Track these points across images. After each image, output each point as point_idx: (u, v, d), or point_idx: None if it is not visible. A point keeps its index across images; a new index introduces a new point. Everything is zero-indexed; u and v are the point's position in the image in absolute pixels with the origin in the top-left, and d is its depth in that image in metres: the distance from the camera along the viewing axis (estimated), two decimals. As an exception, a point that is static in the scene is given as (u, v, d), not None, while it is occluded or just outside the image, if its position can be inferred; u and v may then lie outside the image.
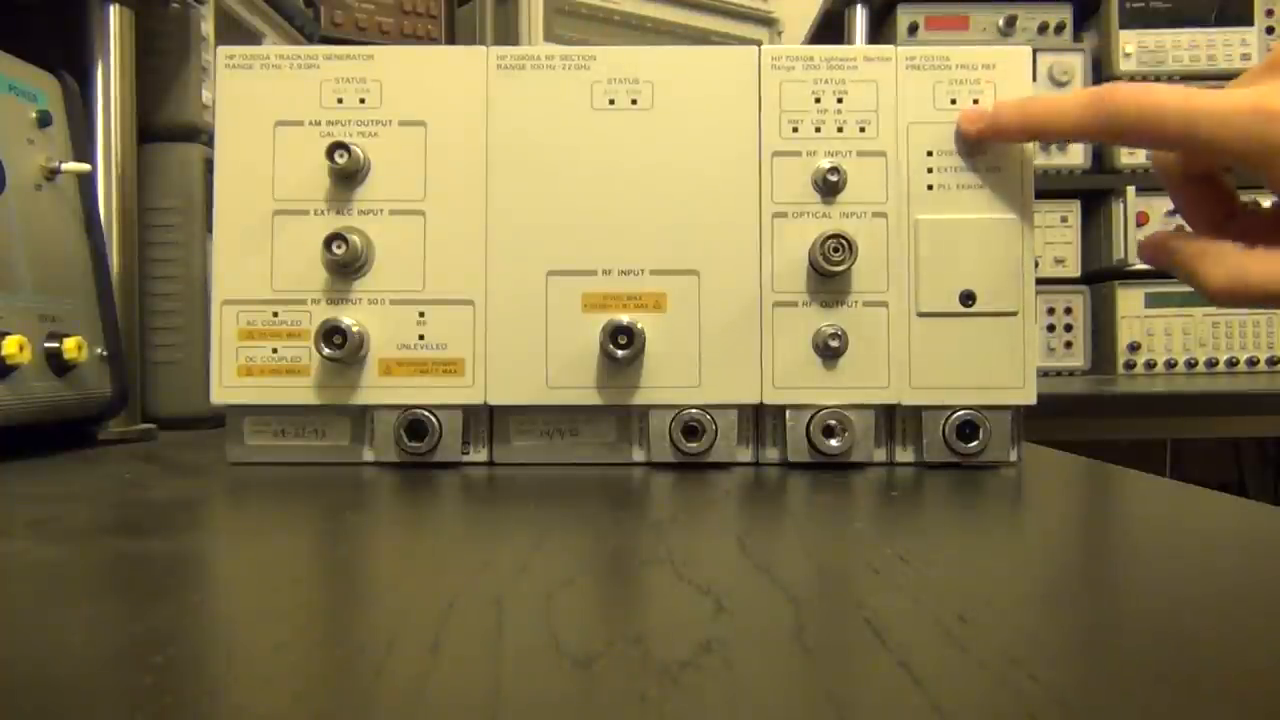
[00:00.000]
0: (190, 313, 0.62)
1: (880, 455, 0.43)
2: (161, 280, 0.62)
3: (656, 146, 0.43)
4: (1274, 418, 1.01)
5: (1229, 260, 0.34)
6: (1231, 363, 1.26)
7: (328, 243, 0.41)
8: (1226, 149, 0.33)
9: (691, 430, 0.42)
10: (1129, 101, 0.35)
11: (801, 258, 0.42)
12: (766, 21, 1.42)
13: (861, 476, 0.40)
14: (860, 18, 1.20)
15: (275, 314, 0.42)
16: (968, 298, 0.42)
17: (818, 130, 0.43)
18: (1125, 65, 1.22)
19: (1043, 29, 1.24)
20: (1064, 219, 1.27)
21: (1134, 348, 1.26)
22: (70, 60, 0.56)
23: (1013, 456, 0.42)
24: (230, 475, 0.41)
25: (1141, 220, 1.23)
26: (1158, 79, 1.22)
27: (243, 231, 0.43)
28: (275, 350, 0.42)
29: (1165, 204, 1.22)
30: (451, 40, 1.26)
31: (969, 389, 0.42)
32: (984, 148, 0.42)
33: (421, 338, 0.42)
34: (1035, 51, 0.60)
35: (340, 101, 0.43)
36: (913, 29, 1.24)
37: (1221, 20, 1.22)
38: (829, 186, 0.42)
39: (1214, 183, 0.38)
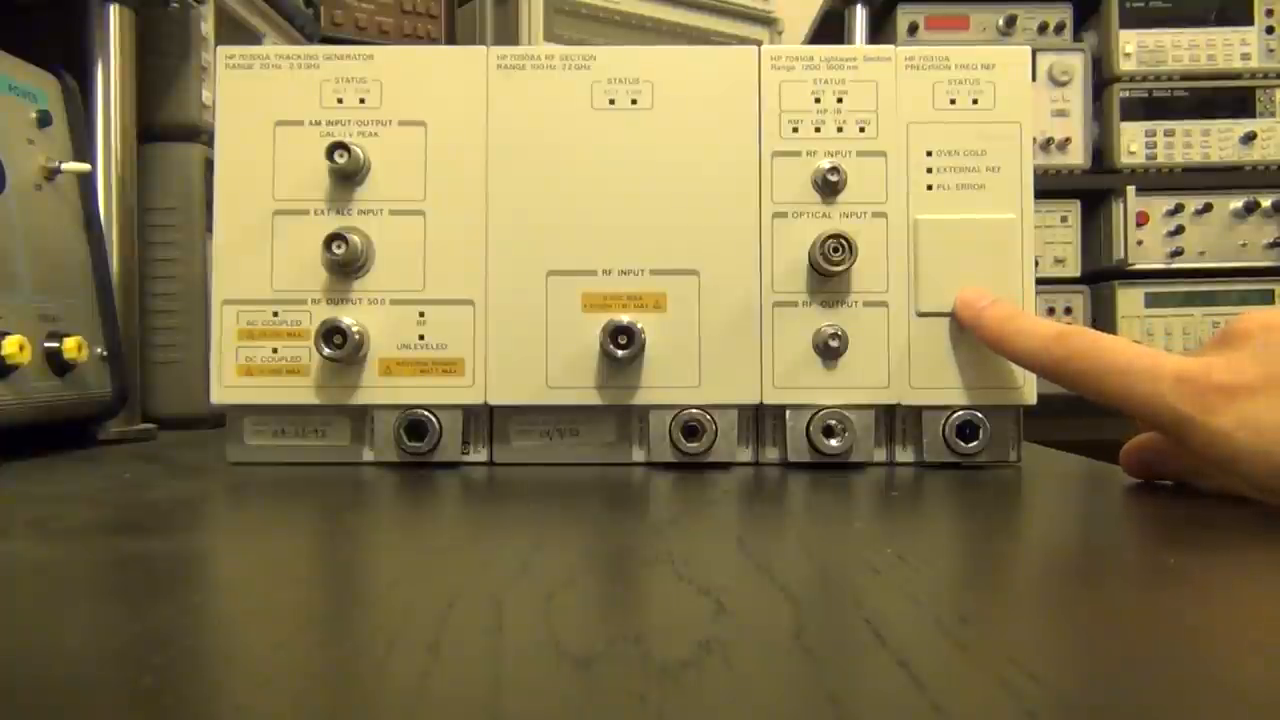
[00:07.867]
0: (190, 313, 0.62)
1: (880, 455, 0.43)
2: (161, 280, 0.62)
3: (656, 146, 0.43)
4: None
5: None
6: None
7: (328, 243, 0.41)
8: (1149, 416, 0.32)
9: (691, 430, 0.42)
10: (1082, 349, 0.34)
11: (801, 258, 0.42)
12: (766, 21, 1.42)
13: (861, 476, 0.40)
14: (860, 18, 1.20)
15: (275, 314, 0.42)
16: (968, 298, 0.42)
17: (818, 130, 0.43)
18: (1125, 65, 1.22)
19: (1043, 29, 1.24)
20: (1064, 219, 1.27)
21: (1134, 348, 1.26)
22: (70, 60, 0.56)
23: (1013, 456, 0.42)
24: (230, 475, 0.41)
25: (1141, 220, 1.23)
26: (1158, 79, 1.22)
27: (243, 231, 0.43)
28: (275, 350, 0.42)
29: (1165, 204, 1.22)
30: (451, 40, 1.26)
31: (969, 389, 0.42)
32: (985, 150, 0.43)
33: (421, 338, 0.42)
34: (1035, 51, 0.60)
35: (340, 101, 0.43)
36: (913, 29, 1.24)
37: (1221, 20, 1.22)
38: (829, 186, 0.42)
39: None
